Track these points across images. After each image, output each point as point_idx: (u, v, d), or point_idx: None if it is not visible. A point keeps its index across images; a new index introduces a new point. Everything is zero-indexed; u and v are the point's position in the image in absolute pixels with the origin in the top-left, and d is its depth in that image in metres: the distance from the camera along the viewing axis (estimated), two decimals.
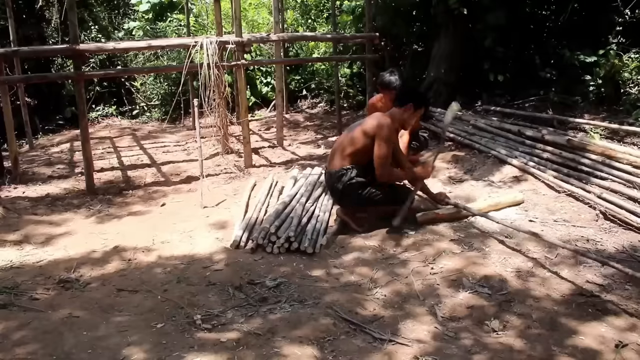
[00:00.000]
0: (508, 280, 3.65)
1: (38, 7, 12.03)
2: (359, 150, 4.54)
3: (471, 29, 9.19)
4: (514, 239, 4.26)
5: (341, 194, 4.62)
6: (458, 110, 5.18)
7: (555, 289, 3.53)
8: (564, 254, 3.95)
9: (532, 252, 4.02)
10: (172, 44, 8.75)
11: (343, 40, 10.27)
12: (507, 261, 3.93)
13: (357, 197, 4.56)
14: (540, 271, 3.77)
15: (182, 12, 13.39)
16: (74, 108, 10.88)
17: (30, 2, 11.94)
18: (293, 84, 12.55)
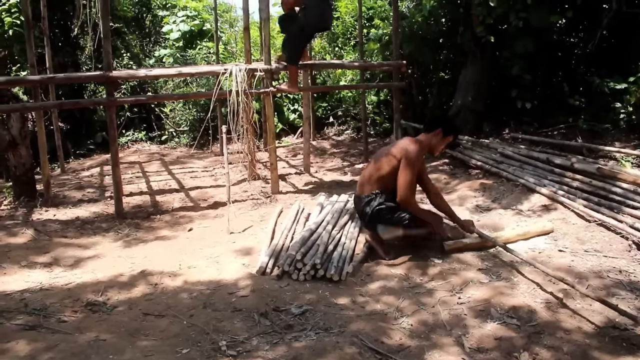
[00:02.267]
0: (537, 311, 3.58)
1: (73, 36, 12.37)
2: (387, 175, 4.55)
3: (498, 57, 9.19)
4: None
5: (370, 218, 4.62)
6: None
7: (586, 321, 3.45)
8: (596, 285, 3.87)
9: (562, 283, 3.94)
10: (202, 72, 8.88)
11: (370, 68, 10.33)
12: (536, 291, 3.86)
13: (385, 221, 4.55)
14: (570, 302, 3.69)
15: (211, 40, 13.66)
16: (105, 133, 11.10)
17: (66, 31, 12.30)
18: (320, 111, 12.65)
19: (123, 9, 13.91)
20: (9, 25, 11.13)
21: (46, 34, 9.43)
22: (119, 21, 13.50)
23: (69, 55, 12.35)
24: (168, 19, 14.96)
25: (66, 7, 12.04)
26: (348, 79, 12.71)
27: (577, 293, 3.76)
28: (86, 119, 12.53)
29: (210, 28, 14.30)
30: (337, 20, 14.21)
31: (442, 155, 8.44)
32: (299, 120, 12.02)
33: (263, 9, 7.29)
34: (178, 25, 14.39)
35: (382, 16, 12.71)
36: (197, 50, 13.75)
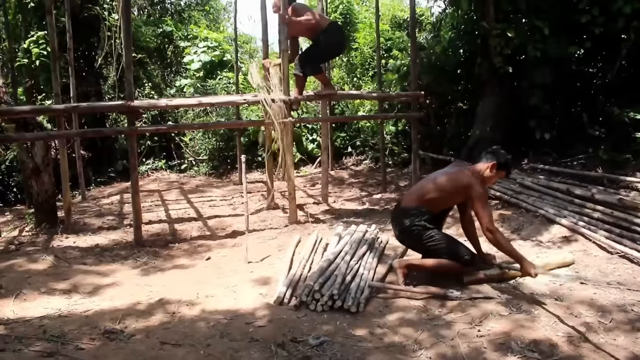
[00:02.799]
0: (559, 345, 3.51)
1: (97, 66, 12.63)
2: (439, 199, 4.67)
3: (517, 87, 9.19)
4: (565, 302, 4.12)
5: (405, 231, 4.70)
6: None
7: (610, 357, 3.37)
8: (619, 319, 3.79)
9: (585, 316, 3.87)
10: (222, 102, 8.99)
11: (388, 99, 10.39)
12: (558, 325, 3.79)
13: (417, 239, 4.64)
14: (593, 336, 3.61)
15: (231, 71, 13.86)
16: (126, 161, 11.24)
17: (90, 61, 12.57)
18: (338, 141, 12.71)
19: (146, 40, 14.21)
20: (36, 56, 11.43)
21: (71, 64, 9.66)
22: (141, 52, 13.78)
23: (92, 85, 12.61)
24: (189, 49, 15.23)
25: (91, 38, 12.34)
26: (366, 109, 12.79)
27: (600, 327, 3.69)
28: (107, 147, 12.72)
29: (231, 59, 14.53)
30: (355, 51, 14.38)
31: None
32: (318, 150, 12.10)
33: (282, 41, 7.40)
34: (199, 56, 14.65)
35: (401, 47, 12.84)
36: (217, 80, 13.96)
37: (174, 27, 16.18)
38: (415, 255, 4.96)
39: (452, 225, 6.35)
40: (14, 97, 9.75)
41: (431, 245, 4.58)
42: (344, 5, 14.83)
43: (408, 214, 4.68)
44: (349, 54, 14.63)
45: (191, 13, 18.73)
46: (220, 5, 21.10)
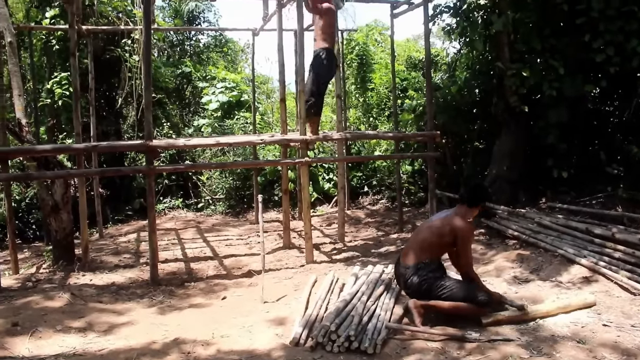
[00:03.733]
0: None
1: (117, 106, 12.87)
2: (436, 247, 4.80)
3: (533, 126, 9.19)
4: (587, 345, 4.03)
5: (414, 289, 4.70)
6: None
7: None
8: None
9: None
10: (239, 142, 9.08)
11: (404, 139, 10.43)
12: None
13: (428, 292, 4.64)
14: None
15: (249, 111, 14.04)
16: (143, 200, 11.32)
17: (110, 101, 12.81)
18: (355, 180, 12.73)
19: (165, 80, 14.47)
20: (59, 96, 11.68)
21: (92, 104, 9.86)
22: (160, 92, 14.02)
23: (112, 124, 12.82)
24: (207, 90, 15.47)
25: (112, 79, 12.59)
26: (383, 148, 12.83)
27: None
28: (125, 186, 12.83)
29: (248, 99, 14.72)
30: (371, 91, 14.52)
31: (477, 225, 8.36)
32: (334, 189, 12.12)
33: (299, 81, 7.51)
34: (217, 96, 14.87)
35: (416, 87, 12.94)
36: (234, 120, 14.12)
37: (192, 68, 16.48)
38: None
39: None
40: (36, 135, 9.93)
41: (444, 294, 4.59)
42: (360, 46, 15.04)
43: (412, 271, 4.72)
44: (365, 95, 14.77)
45: (210, 54, 19.08)
46: (238, 47, 21.49)
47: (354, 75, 15.08)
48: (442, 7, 9.50)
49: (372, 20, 18.35)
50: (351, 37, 14.87)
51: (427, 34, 8.50)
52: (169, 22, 17.36)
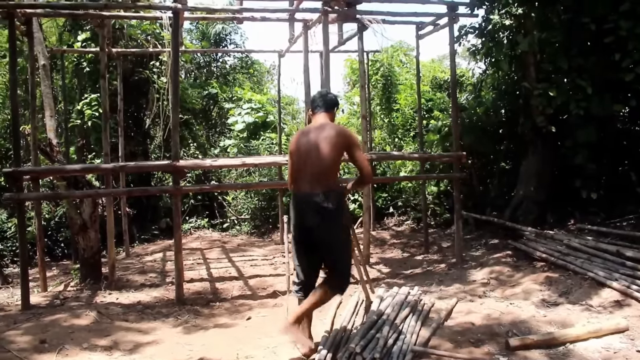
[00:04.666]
0: None
1: (145, 126, 13.06)
2: (335, 167, 4.28)
3: (560, 146, 9.09)
4: None
5: (335, 216, 4.18)
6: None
7: None
8: None
9: None
10: (265, 162, 9.11)
11: (430, 159, 10.38)
12: None
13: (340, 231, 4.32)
14: None
15: (274, 131, 14.13)
16: (169, 220, 11.42)
17: (138, 122, 13.02)
18: (380, 201, 12.68)
19: (192, 101, 14.67)
20: (89, 117, 11.92)
21: (121, 125, 10.03)
22: (187, 113, 14.21)
23: (140, 145, 13.01)
24: (233, 111, 15.64)
25: (140, 100, 12.81)
26: (408, 169, 12.78)
27: None
28: (152, 205, 12.97)
29: (274, 120, 14.84)
30: (397, 112, 14.52)
31: (504, 246, 8.25)
32: (359, 210, 12.07)
33: None
34: (243, 117, 15.02)
35: (442, 108, 12.91)
36: (260, 140, 14.23)
37: (219, 89, 16.70)
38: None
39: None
40: (66, 155, 10.12)
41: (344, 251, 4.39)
42: (385, 67, 15.09)
43: (325, 198, 4.14)
44: (390, 115, 14.78)
45: (236, 76, 19.33)
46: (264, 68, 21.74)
47: (379, 96, 15.11)
48: (468, 27, 9.50)
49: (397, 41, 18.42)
50: (376, 58, 14.92)
51: (452, 55, 8.49)
52: (197, 44, 17.66)
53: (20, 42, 9.88)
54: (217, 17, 10.48)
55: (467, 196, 10.42)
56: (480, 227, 10.02)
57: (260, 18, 8.24)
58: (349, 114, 18.00)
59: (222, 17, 10.30)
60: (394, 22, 8.82)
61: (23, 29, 7.48)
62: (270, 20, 8.49)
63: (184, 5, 6.83)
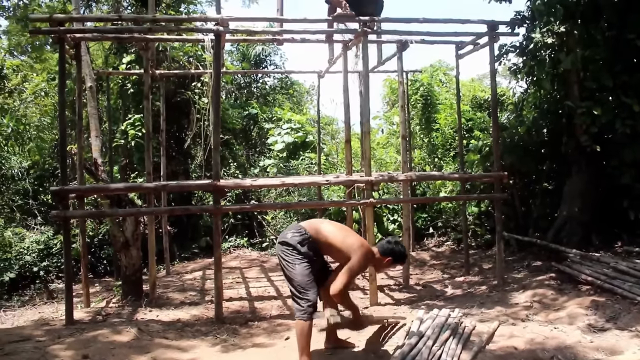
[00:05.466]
0: None
1: (186, 146, 13.29)
2: (332, 246, 4.80)
3: (605, 166, 8.86)
4: None
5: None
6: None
7: None
8: None
9: None
10: (304, 182, 9.14)
11: (471, 180, 10.25)
12: None
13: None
14: None
15: (313, 151, 14.19)
16: (209, 238, 11.53)
17: (180, 142, 13.25)
18: (420, 221, 12.56)
19: (232, 122, 14.87)
20: (132, 137, 12.21)
21: (163, 145, 10.22)
22: (228, 133, 14.40)
23: (181, 164, 13.23)
24: (273, 131, 15.79)
25: (182, 120, 13.05)
26: (448, 189, 12.65)
27: None
28: (192, 224, 13.12)
29: (313, 140, 14.91)
30: (436, 131, 14.43)
31: (547, 269, 8.07)
32: (399, 230, 11.98)
33: (364, 123, 7.56)
34: (282, 137, 15.14)
35: (482, 127, 12.78)
36: (299, 160, 14.30)
37: (259, 109, 16.89)
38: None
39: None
40: (110, 174, 10.37)
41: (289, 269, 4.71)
42: (425, 87, 15.04)
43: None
44: (430, 135, 14.69)
45: (276, 96, 19.54)
46: (303, 89, 21.93)
47: (418, 116, 15.06)
48: (508, 46, 9.41)
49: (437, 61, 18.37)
50: (415, 77, 14.90)
51: (493, 74, 8.42)
52: (237, 65, 17.95)
53: (69, 65, 10.21)
54: (258, 39, 10.65)
55: (508, 217, 10.23)
56: (522, 248, 9.82)
57: (299, 39, 8.33)
58: (388, 134, 17.98)
59: (263, 39, 10.47)
60: (434, 42, 8.81)
61: (72, 52, 7.73)
62: (309, 42, 8.58)
63: (226, 28, 6.96)
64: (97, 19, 9.77)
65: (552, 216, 9.70)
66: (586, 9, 8.26)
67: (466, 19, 8.02)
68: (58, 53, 7.02)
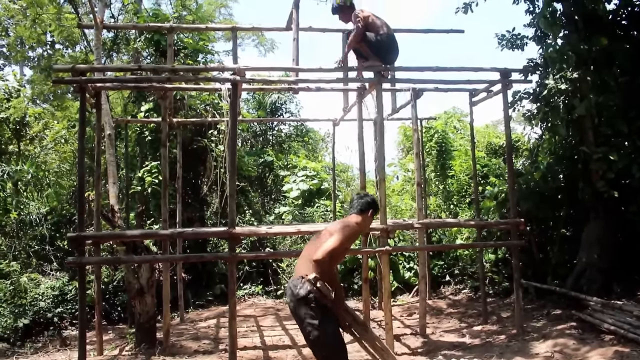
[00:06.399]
0: None
1: (202, 193, 13.38)
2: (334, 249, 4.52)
3: (624, 211, 8.76)
4: None
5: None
6: None
7: None
8: None
9: None
10: (319, 230, 9.11)
11: (487, 226, 10.17)
12: None
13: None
14: None
15: (329, 199, 14.21)
16: (224, 286, 11.47)
17: (196, 189, 13.36)
18: (436, 269, 12.42)
19: (248, 169, 14.99)
20: (149, 184, 12.33)
21: (179, 192, 10.30)
22: (243, 180, 14.49)
23: (197, 211, 13.29)
24: (289, 178, 15.87)
25: (198, 167, 13.19)
26: (464, 236, 12.54)
27: None
28: (207, 271, 13.07)
29: (328, 187, 14.95)
30: (451, 178, 14.42)
31: (568, 317, 7.90)
32: (415, 278, 11.85)
33: (379, 170, 7.58)
34: (298, 184, 15.21)
35: (497, 174, 12.76)
36: (315, 208, 14.31)
37: (274, 157, 17.04)
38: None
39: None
40: (126, 221, 10.43)
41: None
42: (439, 134, 15.12)
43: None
44: (445, 182, 14.68)
45: (291, 144, 19.72)
46: (318, 136, 22.12)
47: (433, 163, 15.08)
48: (522, 93, 9.45)
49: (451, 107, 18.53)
50: (430, 124, 14.99)
51: (507, 121, 8.45)
52: (253, 113, 18.20)
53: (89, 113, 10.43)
54: (274, 88, 10.83)
55: (526, 264, 10.09)
56: (541, 296, 9.64)
57: (315, 88, 8.46)
58: (403, 181, 17.99)
59: (279, 87, 10.64)
60: (448, 89, 8.90)
61: (92, 101, 7.91)
62: (324, 90, 8.71)
63: (242, 78, 7.11)
64: (117, 68, 10.01)
65: (570, 263, 9.55)
66: (598, 56, 8.33)
67: (479, 66, 8.15)
68: (79, 101, 7.19)
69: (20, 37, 14.25)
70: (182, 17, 14.28)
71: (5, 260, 11.15)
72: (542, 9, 8.59)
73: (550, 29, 8.42)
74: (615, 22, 8.91)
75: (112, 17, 16.63)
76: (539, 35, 9.51)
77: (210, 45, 14.47)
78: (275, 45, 22.72)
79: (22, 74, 18.99)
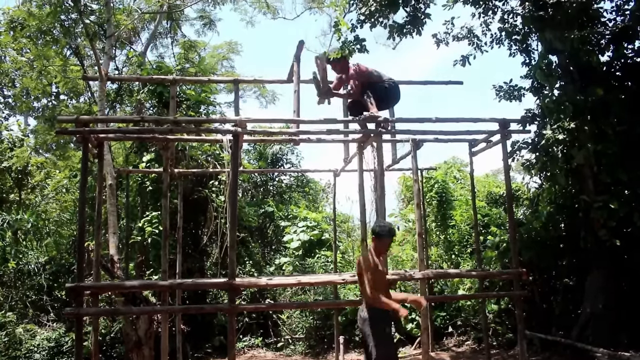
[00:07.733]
0: None
1: (202, 244, 13.33)
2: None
3: (628, 260, 8.70)
4: None
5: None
6: None
7: None
8: None
9: None
10: (320, 281, 9.05)
11: (489, 277, 10.09)
12: None
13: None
14: None
15: (329, 249, 14.13)
16: (223, 337, 11.29)
17: (196, 239, 13.32)
18: (438, 320, 12.25)
19: (249, 219, 14.97)
20: (149, 234, 12.29)
21: (179, 242, 10.27)
22: (244, 231, 14.46)
23: (197, 262, 13.20)
24: (289, 229, 15.82)
25: (198, 218, 13.17)
26: (466, 287, 12.42)
27: None
28: (206, 323, 12.89)
29: (329, 238, 14.88)
30: (452, 228, 14.38)
31: None
32: (417, 330, 11.67)
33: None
34: (298, 235, 15.15)
35: (498, 223, 12.73)
36: (315, 258, 14.21)
37: (275, 207, 17.03)
38: None
39: None
40: (126, 271, 10.35)
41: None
42: (440, 184, 15.15)
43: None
44: (446, 232, 14.63)
45: (292, 194, 19.73)
46: (319, 187, 22.15)
47: (434, 213, 15.06)
48: (521, 143, 9.53)
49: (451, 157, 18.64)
50: (430, 174, 15.05)
51: (506, 171, 8.49)
52: (254, 164, 18.29)
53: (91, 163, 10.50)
54: (275, 139, 10.90)
55: (530, 314, 9.96)
56: (546, 347, 9.47)
57: (316, 140, 8.53)
58: (404, 231, 17.91)
59: (280, 139, 10.73)
60: (447, 140, 8.99)
61: (95, 151, 7.98)
62: (325, 142, 8.78)
63: (244, 129, 7.19)
64: (120, 120, 10.16)
65: (574, 313, 9.43)
66: (595, 106, 8.44)
67: (478, 117, 8.23)
68: (82, 151, 7.24)
69: (26, 88, 14.45)
70: (185, 70, 14.51)
71: (2, 310, 11.02)
72: (537, 61, 8.78)
73: (546, 80, 8.58)
74: (610, 73, 9.07)
75: (116, 69, 16.93)
76: (535, 87, 9.66)
77: (212, 97, 14.69)
78: (276, 97, 22.97)
79: (27, 124, 19.19)
